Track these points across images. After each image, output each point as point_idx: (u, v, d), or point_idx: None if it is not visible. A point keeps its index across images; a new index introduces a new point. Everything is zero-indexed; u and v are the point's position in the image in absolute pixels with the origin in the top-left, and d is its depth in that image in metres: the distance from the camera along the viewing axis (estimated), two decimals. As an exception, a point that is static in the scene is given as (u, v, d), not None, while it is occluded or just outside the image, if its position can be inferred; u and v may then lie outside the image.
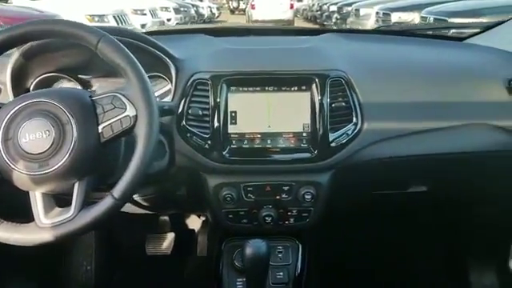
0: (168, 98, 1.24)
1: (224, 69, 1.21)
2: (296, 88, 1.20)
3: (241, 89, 1.21)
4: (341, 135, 1.20)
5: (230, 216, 1.29)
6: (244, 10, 21.23)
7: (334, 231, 1.65)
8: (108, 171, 1.04)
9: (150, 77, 1.32)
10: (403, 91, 1.25)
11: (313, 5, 17.23)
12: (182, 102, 1.21)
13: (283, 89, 1.21)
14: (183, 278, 1.88)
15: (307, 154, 1.20)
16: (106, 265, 1.93)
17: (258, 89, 1.21)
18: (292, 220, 1.29)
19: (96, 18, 7.91)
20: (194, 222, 2.05)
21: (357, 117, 1.21)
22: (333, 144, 1.19)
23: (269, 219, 1.27)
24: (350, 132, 1.20)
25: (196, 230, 2.05)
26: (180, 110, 1.21)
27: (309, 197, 1.24)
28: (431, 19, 5.58)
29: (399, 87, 1.25)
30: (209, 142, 1.19)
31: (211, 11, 19.67)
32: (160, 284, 1.87)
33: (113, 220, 0.94)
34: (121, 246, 2.01)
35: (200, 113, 1.19)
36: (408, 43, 1.48)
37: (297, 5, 19.23)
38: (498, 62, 1.30)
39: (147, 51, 1.21)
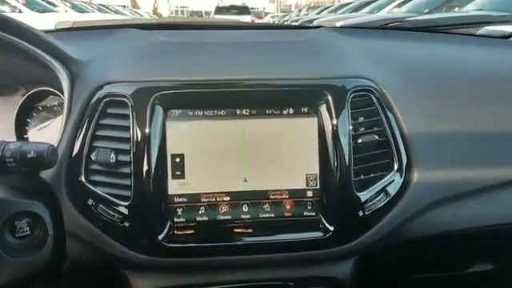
0: (56, 129, 0.67)
1: (158, 76, 0.66)
2: (292, 111, 0.67)
3: (190, 113, 0.65)
4: (375, 195, 0.67)
5: None
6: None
7: None
8: None
9: (36, 93, 0.76)
10: (468, 114, 0.74)
11: (273, 22, 17.08)
12: (80, 138, 0.64)
13: (269, 113, 0.66)
14: None
15: (317, 233, 0.66)
16: None
17: (222, 113, 0.66)
18: None
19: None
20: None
21: (400, 160, 0.68)
22: (363, 212, 0.66)
23: None
24: (390, 189, 0.68)
25: None
26: (75, 152, 0.64)
27: None
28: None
29: (461, 107, 0.74)
30: (129, 215, 0.63)
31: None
32: None
33: None
34: None
35: (112, 159, 0.63)
36: (445, 42, 0.98)
37: (257, 21, 19.03)
38: None
39: (25, 51, 0.65)
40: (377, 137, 0.67)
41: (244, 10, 16.50)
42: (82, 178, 0.64)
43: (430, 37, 0.97)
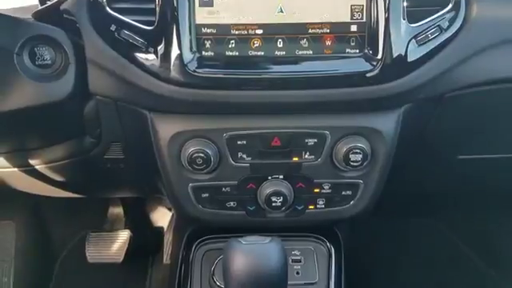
0: None
1: None
2: None
3: None
4: (428, 29, 0.59)
5: (204, 196, 0.68)
6: None
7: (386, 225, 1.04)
8: None
9: None
10: None
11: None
12: None
13: None
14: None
15: (361, 65, 0.59)
16: (31, 275, 1.31)
17: None
18: (322, 203, 0.68)
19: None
20: (160, 215, 1.43)
21: None
22: (413, 45, 0.58)
23: (278, 201, 0.66)
24: (445, 24, 0.59)
25: (164, 227, 1.42)
26: None
27: (357, 157, 0.63)
28: None
29: None
30: (154, 41, 0.59)
31: None
32: None
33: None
34: (53, 248, 1.37)
35: None
36: None
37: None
38: None
39: None
40: None
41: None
42: (104, 2, 0.59)
43: None
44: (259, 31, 0.60)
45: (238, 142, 0.64)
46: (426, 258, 1.19)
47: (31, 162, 0.77)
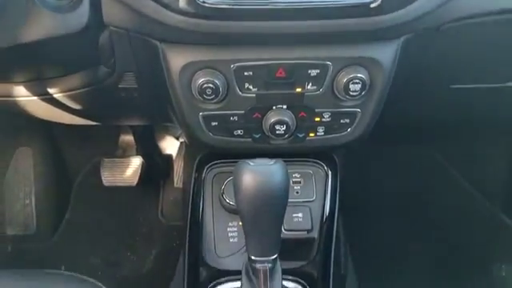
0: None
1: None
2: None
3: None
4: None
5: (214, 124, 0.74)
6: None
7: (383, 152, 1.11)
8: None
9: None
10: None
11: None
12: None
13: None
14: (151, 218, 1.38)
15: None
16: (50, 197, 1.42)
17: None
18: (321, 131, 0.74)
19: None
20: (168, 143, 1.50)
21: None
22: None
23: (281, 129, 0.72)
24: None
25: (173, 154, 1.51)
26: None
27: (356, 87, 0.68)
28: None
29: None
30: None
31: None
32: (119, 226, 1.37)
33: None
34: (69, 173, 1.48)
35: None
36: None
37: None
38: None
39: None
40: None
41: None
42: None
43: None
44: None
45: (245, 73, 0.68)
46: (417, 181, 1.29)
47: (49, 90, 0.82)
